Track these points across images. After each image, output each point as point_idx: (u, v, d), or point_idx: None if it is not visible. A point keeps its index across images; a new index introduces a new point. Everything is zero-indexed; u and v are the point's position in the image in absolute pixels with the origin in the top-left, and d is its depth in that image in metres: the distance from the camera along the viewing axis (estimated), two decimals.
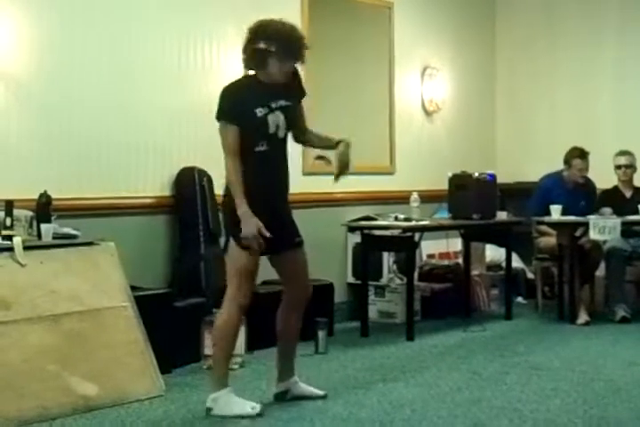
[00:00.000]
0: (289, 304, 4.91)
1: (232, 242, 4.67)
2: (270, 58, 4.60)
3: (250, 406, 4.62)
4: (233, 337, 4.73)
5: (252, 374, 5.51)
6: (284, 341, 4.98)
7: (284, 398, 4.93)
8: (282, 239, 4.73)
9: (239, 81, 4.79)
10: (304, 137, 4.95)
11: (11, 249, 4.83)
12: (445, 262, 7.94)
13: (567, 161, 7.61)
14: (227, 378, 4.69)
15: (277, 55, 4.60)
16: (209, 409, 4.62)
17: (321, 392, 4.99)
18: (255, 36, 4.64)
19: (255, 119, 4.59)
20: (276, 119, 4.65)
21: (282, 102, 4.68)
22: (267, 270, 6.37)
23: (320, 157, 5.12)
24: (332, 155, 4.89)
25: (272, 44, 4.59)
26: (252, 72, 4.77)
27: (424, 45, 8.48)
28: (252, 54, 4.63)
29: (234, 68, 6.70)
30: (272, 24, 4.68)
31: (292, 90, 4.81)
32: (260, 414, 4.60)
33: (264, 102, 4.63)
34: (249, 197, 4.55)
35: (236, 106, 4.60)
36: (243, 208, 4.53)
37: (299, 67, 4.81)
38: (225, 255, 4.90)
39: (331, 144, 4.87)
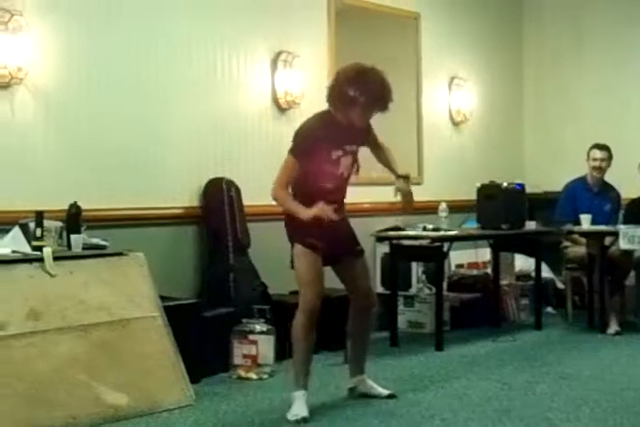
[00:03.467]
0: (355, 311, 5.15)
1: (296, 250, 4.85)
2: (356, 105, 4.73)
3: (293, 414, 4.73)
4: (302, 342, 4.85)
5: (281, 384, 5.50)
6: (352, 341, 5.27)
7: (353, 393, 5.20)
8: (342, 249, 4.98)
9: (319, 118, 4.88)
10: (374, 151, 5.24)
11: (41, 260, 4.87)
12: (474, 272, 7.92)
13: (587, 155, 7.70)
14: (301, 381, 4.86)
15: (364, 105, 4.73)
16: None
17: (386, 392, 5.18)
18: (347, 81, 4.75)
19: (330, 161, 4.78)
20: (347, 162, 4.87)
21: (354, 147, 4.91)
22: (294, 279, 6.43)
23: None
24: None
25: (362, 95, 4.70)
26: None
27: (451, 56, 8.48)
28: (340, 97, 4.75)
29: (260, 81, 6.76)
30: (368, 73, 4.79)
31: (362, 133, 4.99)
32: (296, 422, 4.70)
33: (340, 145, 4.82)
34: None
35: (314, 145, 4.75)
36: (306, 212, 4.70)
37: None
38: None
39: (392, 173, 5.20)
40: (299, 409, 4.74)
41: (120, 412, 4.68)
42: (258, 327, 5.73)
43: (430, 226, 6.92)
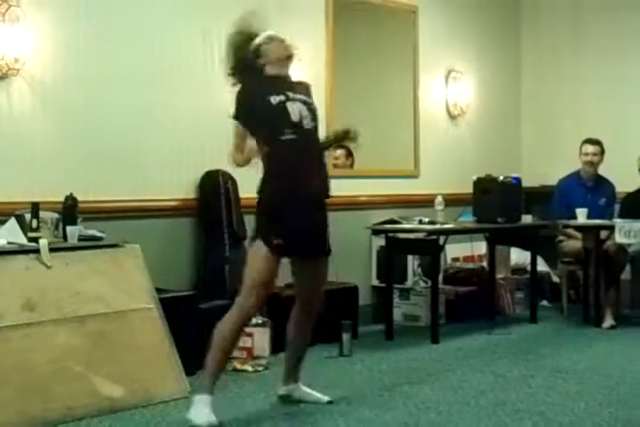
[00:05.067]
0: (301, 314, 4.81)
1: (256, 247, 4.50)
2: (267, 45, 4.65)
3: (204, 420, 4.35)
4: (228, 341, 4.50)
5: (277, 377, 5.49)
6: (292, 349, 4.90)
7: (285, 400, 4.88)
8: (311, 246, 4.63)
9: (249, 79, 4.64)
10: None
11: (37, 251, 4.86)
12: (470, 266, 7.93)
13: (580, 150, 7.76)
14: (209, 383, 4.49)
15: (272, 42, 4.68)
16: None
17: (325, 398, 4.88)
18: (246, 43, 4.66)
19: (271, 108, 4.48)
20: (299, 109, 4.53)
21: (302, 97, 4.60)
22: (290, 271, 6.41)
23: (341, 146, 5.15)
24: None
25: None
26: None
27: (448, 49, 8.46)
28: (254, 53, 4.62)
29: None
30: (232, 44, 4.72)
31: (302, 87, 4.72)
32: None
33: (279, 91, 4.53)
34: (277, 192, 4.50)
35: (248, 100, 4.53)
36: (254, 152, 4.50)
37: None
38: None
39: (331, 138, 4.91)
40: (205, 415, 4.37)
41: (115, 403, 4.68)
42: (253, 320, 5.71)
43: (426, 219, 6.92)
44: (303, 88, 4.70)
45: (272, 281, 4.54)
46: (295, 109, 4.50)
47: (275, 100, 4.48)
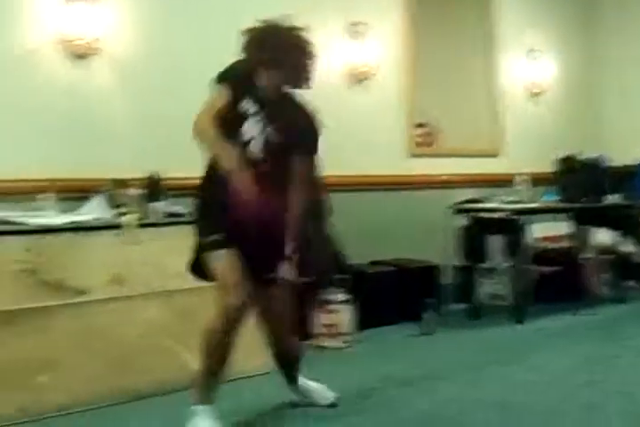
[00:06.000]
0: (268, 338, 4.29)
1: (205, 255, 3.98)
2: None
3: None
4: (212, 353, 4.01)
5: (362, 353, 5.49)
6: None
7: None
8: (259, 262, 4.00)
9: (246, 68, 4.06)
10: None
11: (122, 227, 4.88)
12: (554, 246, 7.80)
13: None
14: (204, 394, 4.01)
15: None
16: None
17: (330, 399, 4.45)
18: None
19: (235, 112, 3.95)
20: (255, 127, 3.99)
21: (274, 127, 4.00)
22: (374, 249, 6.38)
23: (420, 125, 4.93)
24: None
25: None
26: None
27: (529, 27, 8.33)
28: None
29: (335, 52, 6.72)
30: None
31: (300, 132, 4.06)
32: None
33: (255, 100, 3.99)
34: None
35: (236, 83, 3.98)
36: (227, 154, 3.80)
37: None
38: None
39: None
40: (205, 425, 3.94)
41: None
42: (338, 297, 5.72)
43: (509, 198, 6.85)
44: (293, 116, 4.07)
45: (238, 277, 3.93)
46: (251, 128, 3.99)
47: (243, 107, 3.98)
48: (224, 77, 3.98)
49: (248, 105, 3.97)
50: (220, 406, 4.02)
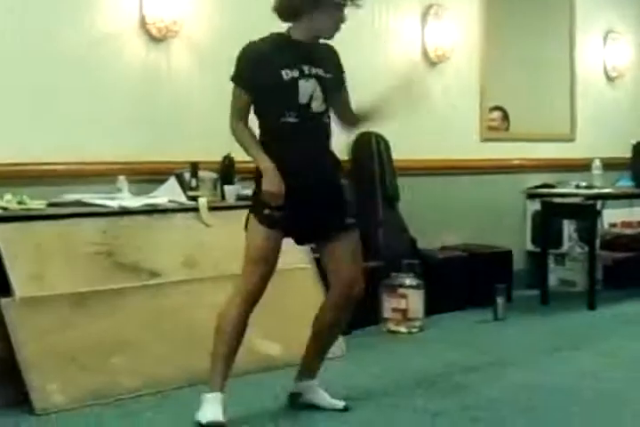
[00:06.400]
0: (330, 300, 4.06)
1: (251, 219, 3.95)
2: (328, 7, 3.84)
3: (205, 417, 3.80)
4: (229, 333, 3.90)
5: (431, 338, 5.50)
6: (314, 338, 4.14)
7: (295, 400, 4.16)
8: (322, 221, 3.93)
9: (265, 38, 3.95)
10: (350, 121, 4.18)
11: (196, 210, 4.96)
12: (629, 231, 7.72)
13: None
14: (217, 380, 3.89)
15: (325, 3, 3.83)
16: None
17: (341, 404, 4.11)
18: None
19: (280, 83, 3.80)
20: (310, 88, 3.84)
21: (319, 71, 3.88)
22: (444, 235, 6.36)
23: (496, 108, 4.79)
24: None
25: None
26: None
27: (607, 9, 8.20)
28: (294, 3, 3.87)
29: (410, 34, 6.70)
30: None
31: (331, 63, 4.00)
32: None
33: (293, 63, 3.84)
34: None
35: (258, 65, 3.84)
36: (264, 162, 3.82)
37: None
38: None
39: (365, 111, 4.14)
40: (212, 413, 3.79)
41: (273, 361, 4.74)
42: (407, 281, 5.72)
43: (583, 183, 6.81)
44: (325, 54, 4.00)
45: (273, 258, 3.92)
46: (307, 88, 3.83)
47: (287, 75, 3.81)
48: (238, 77, 3.88)
49: (289, 73, 3.82)
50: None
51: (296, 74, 3.82)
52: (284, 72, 3.81)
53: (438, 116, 6.78)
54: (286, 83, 3.81)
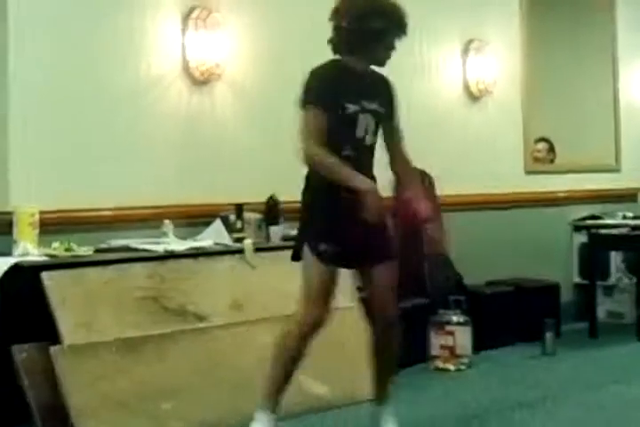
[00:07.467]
0: (373, 327, 4.14)
1: (305, 253, 3.96)
2: (383, 37, 3.91)
3: None
4: (289, 351, 3.98)
5: (480, 375, 5.48)
6: (372, 366, 4.25)
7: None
8: (369, 252, 3.97)
9: (330, 65, 3.97)
10: (392, 164, 4.20)
11: (242, 251, 4.98)
12: None
13: None
14: (271, 400, 4.01)
15: (391, 35, 3.92)
16: None
17: None
18: (367, 14, 3.89)
19: (345, 115, 3.84)
20: (367, 123, 3.92)
21: (375, 106, 3.95)
22: (490, 270, 6.33)
23: (542, 140, 4.76)
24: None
25: (387, 24, 3.90)
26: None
27: None
28: (360, 33, 3.89)
29: (452, 69, 6.72)
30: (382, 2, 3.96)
31: (383, 94, 4.06)
32: None
33: (355, 97, 3.89)
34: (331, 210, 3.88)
35: (327, 94, 3.84)
36: (365, 184, 3.76)
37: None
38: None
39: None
40: None
41: (321, 402, 4.74)
42: (454, 318, 5.71)
43: (630, 214, 6.78)
44: (381, 88, 4.07)
45: (329, 291, 3.94)
46: (363, 123, 3.91)
47: (350, 108, 3.87)
48: (309, 99, 3.84)
49: (352, 107, 3.87)
50: None
51: (357, 108, 3.88)
52: (348, 105, 3.86)
53: (482, 151, 6.78)
54: (350, 116, 3.87)
